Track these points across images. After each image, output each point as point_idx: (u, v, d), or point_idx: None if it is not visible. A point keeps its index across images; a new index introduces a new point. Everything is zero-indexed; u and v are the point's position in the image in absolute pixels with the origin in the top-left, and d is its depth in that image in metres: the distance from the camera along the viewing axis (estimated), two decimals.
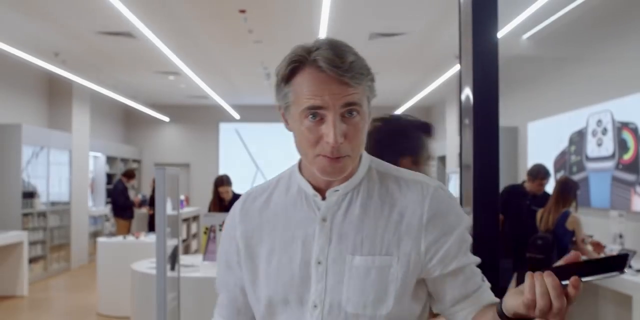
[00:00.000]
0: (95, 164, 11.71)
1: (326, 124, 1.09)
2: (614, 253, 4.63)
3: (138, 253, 6.47)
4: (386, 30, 7.18)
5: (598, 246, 4.72)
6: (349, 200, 1.18)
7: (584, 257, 1.37)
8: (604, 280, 2.58)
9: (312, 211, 1.19)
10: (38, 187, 8.79)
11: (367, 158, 1.22)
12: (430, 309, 1.25)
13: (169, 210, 3.60)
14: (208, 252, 4.80)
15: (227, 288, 1.30)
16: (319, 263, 1.15)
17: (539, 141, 7.31)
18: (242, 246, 1.25)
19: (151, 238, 7.01)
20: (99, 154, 11.67)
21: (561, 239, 4.33)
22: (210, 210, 5.53)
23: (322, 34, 6.64)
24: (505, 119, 7.31)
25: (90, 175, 11.19)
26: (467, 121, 2.36)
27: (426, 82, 10.03)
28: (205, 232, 4.83)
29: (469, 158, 2.27)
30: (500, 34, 3.39)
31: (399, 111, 12.80)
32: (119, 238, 7.04)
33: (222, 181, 5.49)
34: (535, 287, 0.95)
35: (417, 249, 1.14)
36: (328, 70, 1.08)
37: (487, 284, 1.21)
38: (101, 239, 7.04)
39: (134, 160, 13.74)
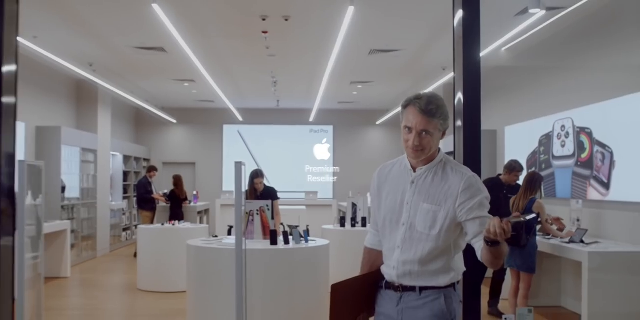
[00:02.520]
0: (114, 162, 12.75)
1: (412, 135, 2.28)
2: (573, 230, 5.88)
3: (174, 237, 7.67)
4: (384, 48, 8.36)
5: (557, 220, 6.07)
6: (426, 175, 2.35)
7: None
8: (565, 250, 4.08)
9: (408, 178, 2.39)
10: (71, 183, 9.87)
11: (442, 155, 2.37)
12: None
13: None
14: (248, 232, 5.93)
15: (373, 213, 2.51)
16: (407, 204, 2.36)
17: (514, 142, 8.53)
18: (376, 190, 2.47)
19: (184, 225, 8.16)
20: (117, 153, 12.72)
21: (529, 219, 5.53)
22: (247, 198, 6.66)
23: (331, 51, 7.83)
24: (485, 123, 8.83)
25: (109, 173, 12.24)
26: (460, 123, 3.52)
27: (416, 90, 11.22)
28: (246, 215, 5.97)
29: (460, 157, 3.43)
30: (486, 49, 4.60)
31: (390, 114, 14.02)
32: (158, 225, 8.16)
33: (257, 174, 6.63)
34: (490, 223, 2.04)
35: (454, 204, 2.27)
36: (419, 110, 2.26)
37: None
38: (141, 226, 8.18)
39: (145, 159, 14.79)
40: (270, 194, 6.72)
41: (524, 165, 7.79)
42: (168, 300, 7.05)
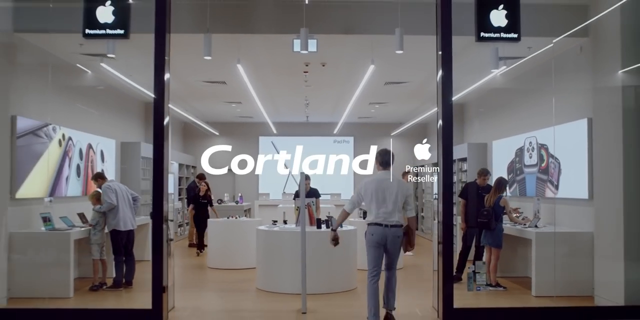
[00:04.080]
0: (171, 169, 15.25)
1: None
2: (530, 218, 8.20)
3: (236, 227, 10.11)
4: (396, 80, 10.75)
5: (516, 210, 8.46)
6: None
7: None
8: (523, 232, 7.10)
9: None
10: (146, 187, 12.33)
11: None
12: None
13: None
14: (299, 221, 8.32)
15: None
16: None
17: (499, 153, 10.85)
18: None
19: (243, 219, 10.60)
20: (174, 162, 15.22)
21: (497, 210, 7.87)
22: (296, 197, 9.04)
23: (354, 85, 10.23)
24: (479, 138, 11.79)
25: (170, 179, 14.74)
26: (440, 140, 5.96)
27: (423, 109, 13.62)
28: (296, 209, 8.37)
29: (440, 162, 5.86)
30: (470, 87, 7.01)
31: (402, 127, 16.42)
32: (224, 219, 10.62)
33: (306, 178, 9.02)
34: None
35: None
36: None
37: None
38: (210, 220, 10.62)
39: (192, 166, 17.28)
40: (314, 193, 9.13)
41: (505, 171, 10.20)
42: (236, 273, 9.47)
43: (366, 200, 6.04)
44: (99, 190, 8.32)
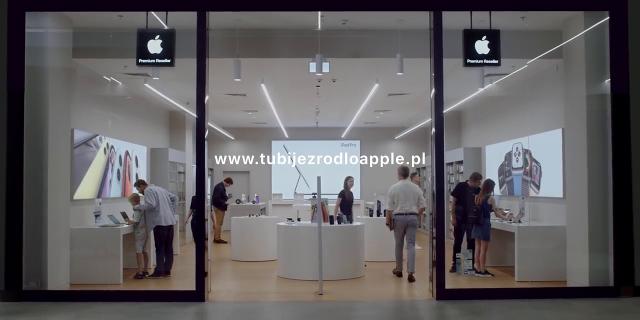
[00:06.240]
0: (192, 172, 16.53)
1: None
2: (514, 215, 9.45)
3: (256, 224, 11.37)
4: (398, 92, 12.00)
5: (501, 210, 9.62)
6: None
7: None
8: (508, 227, 8.67)
9: None
10: (171, 188, 13.61)
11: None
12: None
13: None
14: (314, 218, 9.58)
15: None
16: None
17: (491, 157, 12.09)
18: None
19: (262, 217, 11.87)
20: (194, 165, 16.49)
21: (485, 208, 9.11)
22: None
23: (363, 96, 11.48)
24: (474, 142, 13.40)
25: (192, 180, 16.02)
26: (433, 145, 7.25)
27: (422, 116, 14.85)
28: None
29: (433, 163, 7.13)
30: (462, 100, 8.17)
31: (405, 131, 17.67)
32: (246, 216, 11.89)
33: (348, 178, 10.46)
34: None
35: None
36: None
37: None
38: (234, 217, 11.90)
39: (210, 169, 18.56)
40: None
41: (496, 172, 11.44)
42: (257, 264, 10.74)
43: (395, 199, 9.09)
44: (137, 192, 9.60)
